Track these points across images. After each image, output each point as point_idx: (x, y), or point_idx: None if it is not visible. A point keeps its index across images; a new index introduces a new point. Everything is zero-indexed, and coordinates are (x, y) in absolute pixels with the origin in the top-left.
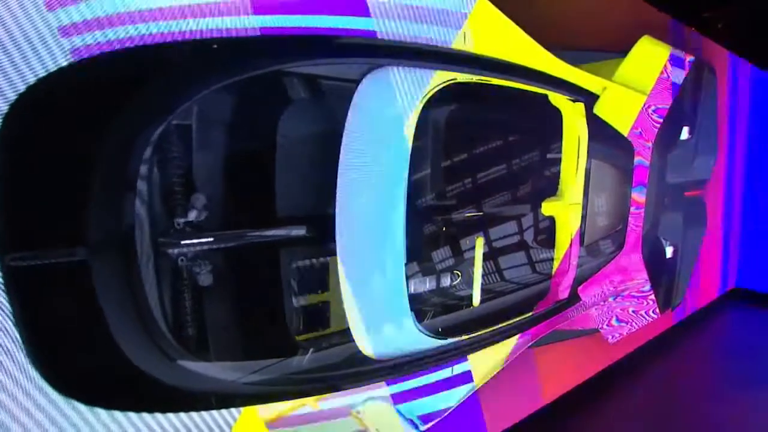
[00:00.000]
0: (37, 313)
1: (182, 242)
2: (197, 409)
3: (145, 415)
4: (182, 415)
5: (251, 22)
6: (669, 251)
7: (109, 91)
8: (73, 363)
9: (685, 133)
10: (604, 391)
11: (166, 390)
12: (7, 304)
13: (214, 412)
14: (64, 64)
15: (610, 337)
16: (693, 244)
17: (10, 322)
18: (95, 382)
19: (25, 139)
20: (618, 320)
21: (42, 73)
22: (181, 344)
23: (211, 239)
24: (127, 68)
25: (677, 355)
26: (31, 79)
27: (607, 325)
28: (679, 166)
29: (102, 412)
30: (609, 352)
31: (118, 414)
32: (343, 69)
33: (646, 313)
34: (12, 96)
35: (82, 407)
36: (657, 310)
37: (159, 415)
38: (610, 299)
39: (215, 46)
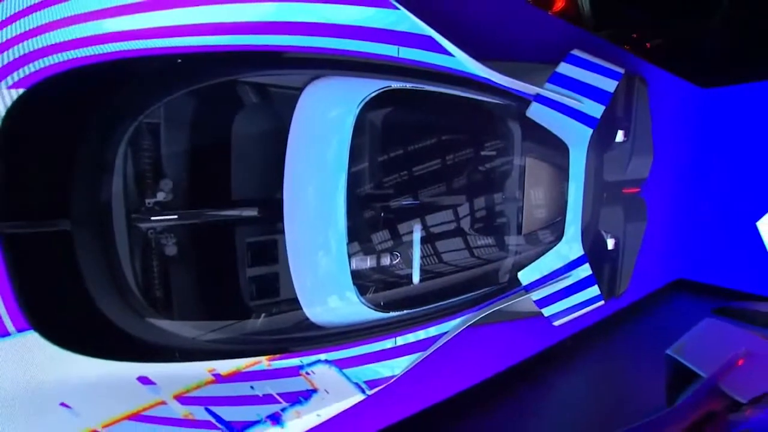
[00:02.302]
0: (28, 272)
1: (151, 218)
2: (163, 360)
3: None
4: None
5: None
6: (610, 243)
7: (91, 94)
8: (57, 314)
9: (620, 136)
10: (541, 372)
11: (135, 342)
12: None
13: None
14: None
15: (555, 320)
16: (634, 238)
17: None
18: (75, 332)
19: (22, 134)
20: (563, 305)
21: None
22: (149, 303)
23: (175, 216)
24: (107, 75)
25: (618, 338)
26: None
27: (552, 309)
28: (615, 165)
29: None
30: (554, 333)
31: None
32: (289, 78)
33: (590, 299)
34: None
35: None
36: (601, 298)
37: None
38: (555, 284)
39: (179, 60)
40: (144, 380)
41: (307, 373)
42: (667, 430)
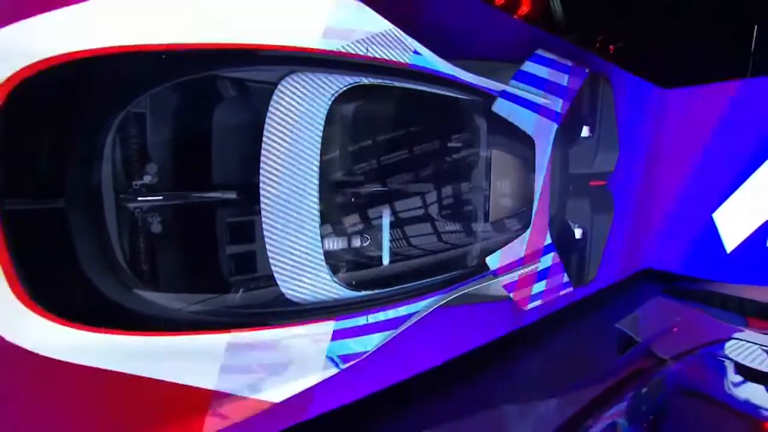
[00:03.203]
0: (25, 245)
1: (138, 199)
2: (149, 330)
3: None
4: None
5: None
6: (578, 233)
7: (83, 85)
8: (52, 285)
9: (585, 132)
10: (510, 351)
11: (124, 312)
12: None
13: None
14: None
15: (525, 304)
16: (601, 228)
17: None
18: (68, 303)
19: (21, 120)
20: (532, 290)
21: None
22: (136, 276)
23: (161, 197)
24: (98, 68)
25: (585, 322)
26: None
27: (521, 294)
28: (581, 159)
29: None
30: (524, 316)
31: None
32: (265, 74)
33: (560, 286)
34: None
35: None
36: (570, 285)
37: None
38: (525, 270)
39: (164, 56)
40: None
41: (285, 346)
42: (606, 383)
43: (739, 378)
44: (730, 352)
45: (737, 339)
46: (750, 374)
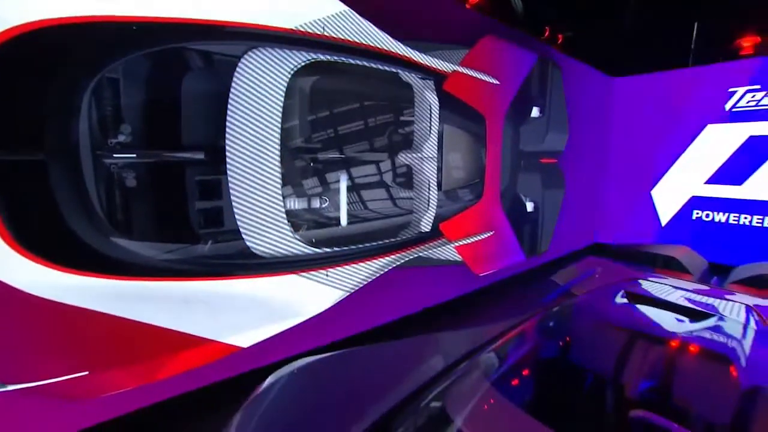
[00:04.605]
0: (10, 193)
1: (114, 155)
2: (124, 274)
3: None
4: None
5: None
6: (530, 206)
7: (59, 49)
8: (35, 230)
9: (535, 112)
10: (462, 310)
11: (102, 257)
12: None
13: None
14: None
15: (478, 271)
16: (553, 203)
17: None
18: (50, 246)
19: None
20: (486, 257)
21: None
22: (113, 225)
23: (134, 155)
24: (72, 34)
25: (536, 285)
26: None
27: (476, 261)
28: (531, 137)
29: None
30: (475, 281)
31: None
32: (230, 48)
33: (512, 255)
34: None
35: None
36: (523, 255)
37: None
38: (478, 238)
39: (134, 27)
40: None
41: (252, 296)
42: (532, 319)
43: (624, 300)
44: (645, 287)
45: (651, 281)
46: (661, 305)
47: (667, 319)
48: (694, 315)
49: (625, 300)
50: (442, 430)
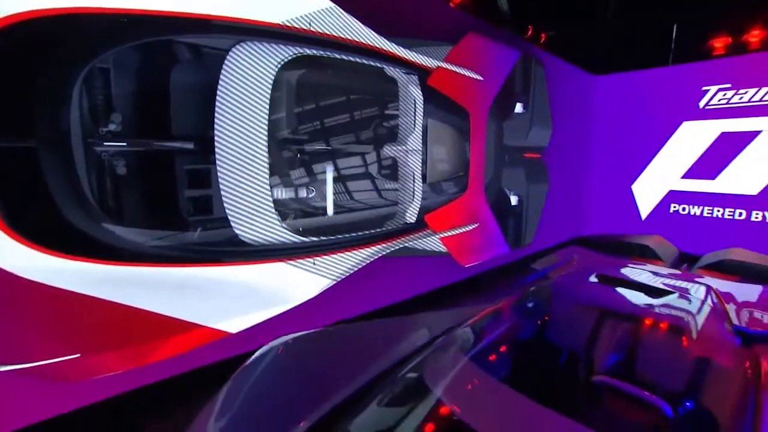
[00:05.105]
0: (1, 180)
1: (104, 143)
2: (115, 259)
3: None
4: None
5: None
6: (514, 200)
7: (51, 39)
8: (28, 215)
9: (519, 108)
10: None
11: (94, 242)
12: None
13: None
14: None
15: (464, 262)
16: (537, 196)
17: None
18: (42, 231)
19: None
20: (471, 249)
21: None
22: (104, 212)
23: (124, 144)
24: (64, 25)
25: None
26: None
27: (461, 252)
28: (515, 132)
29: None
30: (461, 272)
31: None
32: (218, 41)
33: (497, 247)
34: None
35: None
36: (507, 247)
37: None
38: (462, 230)
39: (125, 20)
40: None
41: (240, 282)
42: (509, 299)
43: (595, 280)
44: (616, 270)
45: (630, 267)
46: (630, 285)
47: (633, 297)
48: (658, 293)
49: (596, 281)
50: (420, 399)
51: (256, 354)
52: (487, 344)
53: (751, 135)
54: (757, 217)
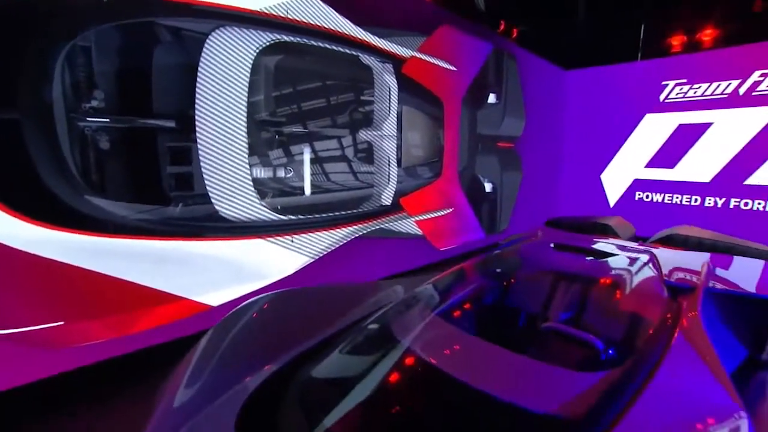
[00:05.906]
0: None
1: (87, 119)
2: (99, 231)
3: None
4: None
5: None
6: (488, 187)
7: (36, 14)
8: (11, 186)
9: (492, 98)
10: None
11: (78, 214)
12: None
13: None
14: None
15: (439, 245)
16: (511, 185)
17: None
18: (28, 202)
19: None
20: (446, 233)
21: None
22: (87, 185)
23: (107, 120)
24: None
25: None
26: None
27: (437, 235)
28: (488, 122)
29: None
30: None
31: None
32: (198, 25)
33: (472, 231)
34: None
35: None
36: (482, 232)
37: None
38: (438, 214)
39: (105, 0)
40: None
41: (220, 257)
42: (473, 259)
43: (552, 247)
44: (596, 246)
45: (600, 242)
46: (582, 250)
47: (585, 260)
48: (605, 255)
49: (553, 247)
50: (382, 347)
51: (238, 307)
52: (452, 303)
53: (704, 127)
54: (709, 203)
